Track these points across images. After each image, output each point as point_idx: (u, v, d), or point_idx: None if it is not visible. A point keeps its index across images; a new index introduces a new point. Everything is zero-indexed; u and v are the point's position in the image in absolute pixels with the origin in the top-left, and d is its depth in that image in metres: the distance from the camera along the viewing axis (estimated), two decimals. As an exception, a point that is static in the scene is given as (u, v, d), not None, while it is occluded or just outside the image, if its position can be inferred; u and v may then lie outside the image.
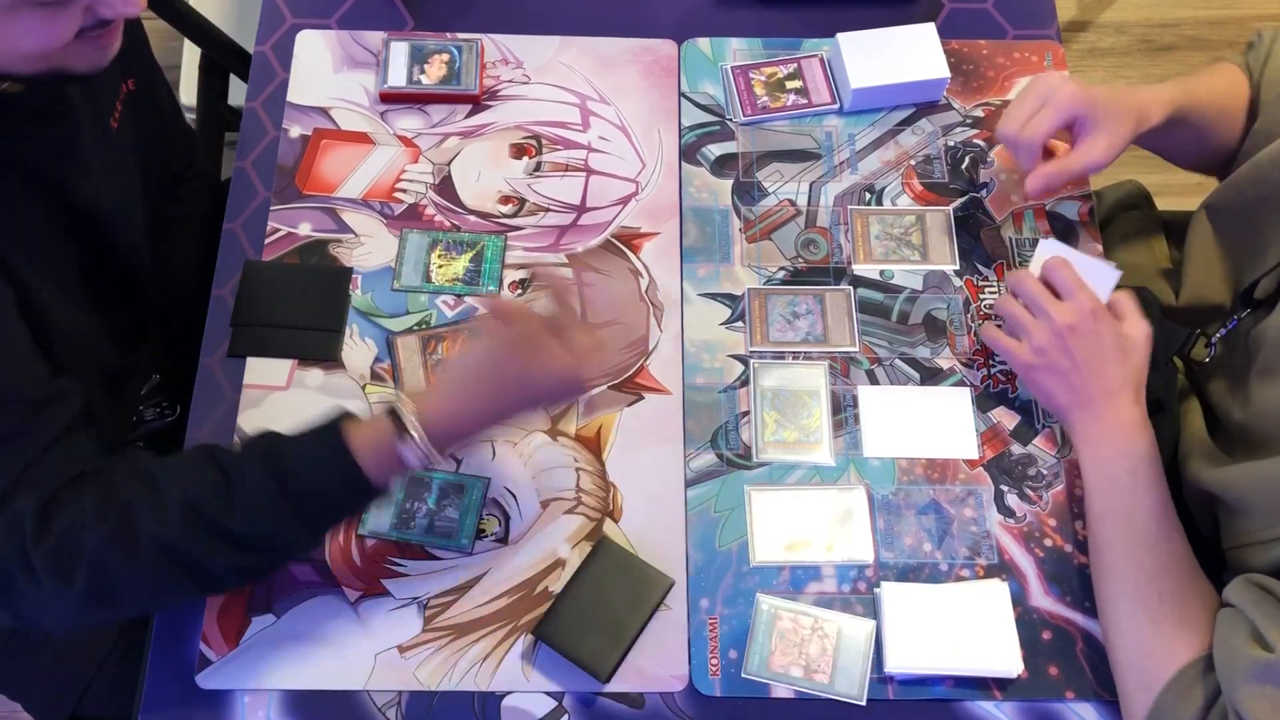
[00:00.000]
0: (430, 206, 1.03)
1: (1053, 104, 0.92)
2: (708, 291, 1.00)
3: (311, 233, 1.02)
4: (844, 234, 1.03)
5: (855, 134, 1.08)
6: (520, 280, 1.00)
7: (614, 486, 0.92)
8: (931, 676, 0.85)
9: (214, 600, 0.87)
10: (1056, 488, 0.92)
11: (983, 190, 1.05)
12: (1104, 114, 0.92)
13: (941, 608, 0.86)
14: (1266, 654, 0.71)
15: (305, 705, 0.84)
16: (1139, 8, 2.13)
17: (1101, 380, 0.86)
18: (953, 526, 0.91)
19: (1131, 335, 0.87)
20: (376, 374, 0.95)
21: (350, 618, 0.86)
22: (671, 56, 1.12)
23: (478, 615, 0.87)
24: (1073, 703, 0.85)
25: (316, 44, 1.11)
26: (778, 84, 1.09)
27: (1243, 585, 0.77)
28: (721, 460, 0.93)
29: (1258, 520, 0.80)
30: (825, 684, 0.85)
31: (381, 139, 1.06)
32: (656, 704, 0.85)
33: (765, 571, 0.89)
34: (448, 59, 1.09)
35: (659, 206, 1.04)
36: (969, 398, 0.96)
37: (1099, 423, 0.86)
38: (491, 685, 0.85)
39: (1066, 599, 0.88)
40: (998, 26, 1.15)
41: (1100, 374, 0.86)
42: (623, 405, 0.95)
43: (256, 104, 1.08)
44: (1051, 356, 0.87)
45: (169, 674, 0.85)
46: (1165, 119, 0.94)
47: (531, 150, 1.06)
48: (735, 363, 0.97)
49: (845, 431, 0.94)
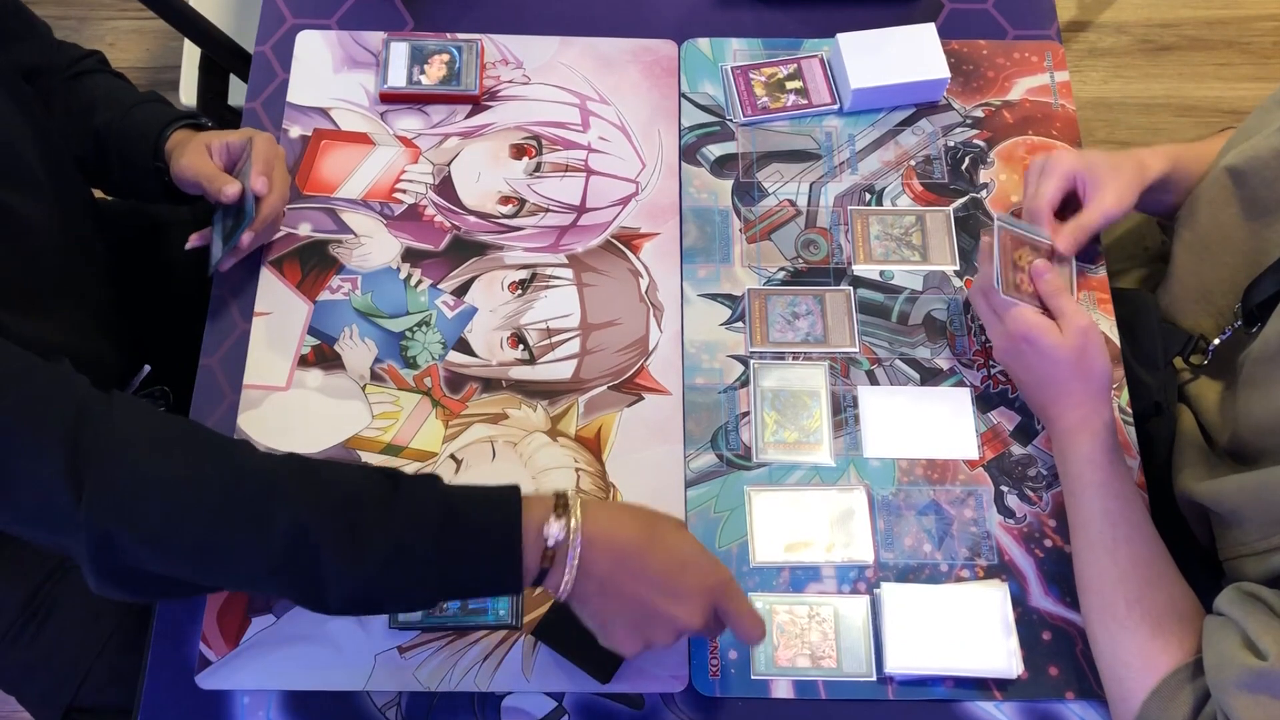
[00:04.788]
0: (430, 207, 1.03)
1: (1049, 170, 0.95)
2: (708, 292, 1.00)
3: (311, 233, 1.02)
4: (844, 234, 1.03)
5: (855, 134, 1.08)
6: (520, 281, 1.00)
7: (614, 487, 0.92)
8: (931, 677, 0.85)
9: (214, 600, 0.87)
10: (1056, 488, 0.92)
11: (983, 190, 1.05)
12: (1103, 169, 0.94)
13: (941, 608, 0.86)
14: (1260, 662, 0.71)
15: (305, 705, 0.84)
16: (1139, 8, 2.13)
17: (1039, 392, 0.88)
18: (953, 527, 0.91)
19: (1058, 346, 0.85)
20: (376, 374, 0.95)
21: (350, 618, 0.86)
22: (671, 57, 1.12)
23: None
24: (1073, 703, 0.85)
25: (316, 44, 1.11)
26: (778, 84, 1.10)
27: (1234, 594, 0.76)
28: (721, 461, 0.93)
29: (1251, 531, 0.79)
30: (834, 668, 0.85)
31: (381, 139, 1.06)
32: (656, 704, 0.85)
33: (765, 572, 0.89)
34: (448, 59, 1.09)
35: (659, 207, 1.04)
36: (969, 398, 0.96)
37: (1050, 428, 0.89)
38: (491, 686, 0.85)
39: (1066, 599, 0.88)
40: (998, 26, 1.15)
41: (1036, 387, 0.88)
42: (623, 406, 0.95)
43: (256, 104, 1.08)
44: (1006, 363, 0.92)
45: (169, 674, 0.85)
46: (1165, 170, 0.95)
47: (531, 150, 1.06)
48: (735, 363, 0.97)
49: (845, 432, 0.94)
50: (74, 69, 1.03)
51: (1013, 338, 0.87)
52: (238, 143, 0.96)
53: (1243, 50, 2.10)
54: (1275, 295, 0.86)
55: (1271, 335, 0.83)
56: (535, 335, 0.98)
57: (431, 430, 0.93)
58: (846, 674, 0.85)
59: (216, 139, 0.97)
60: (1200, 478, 0.87)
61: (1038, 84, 1.11)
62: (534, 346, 0.97)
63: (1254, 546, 0.79)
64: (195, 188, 0.95)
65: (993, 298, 0.89)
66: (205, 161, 0.95)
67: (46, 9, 2.07)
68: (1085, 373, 0.85)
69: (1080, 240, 0.94)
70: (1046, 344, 0.85)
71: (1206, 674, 0.74)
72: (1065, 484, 0.86)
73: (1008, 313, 0.87)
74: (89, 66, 1.04)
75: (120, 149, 0.99)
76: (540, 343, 0.97)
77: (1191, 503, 0.87)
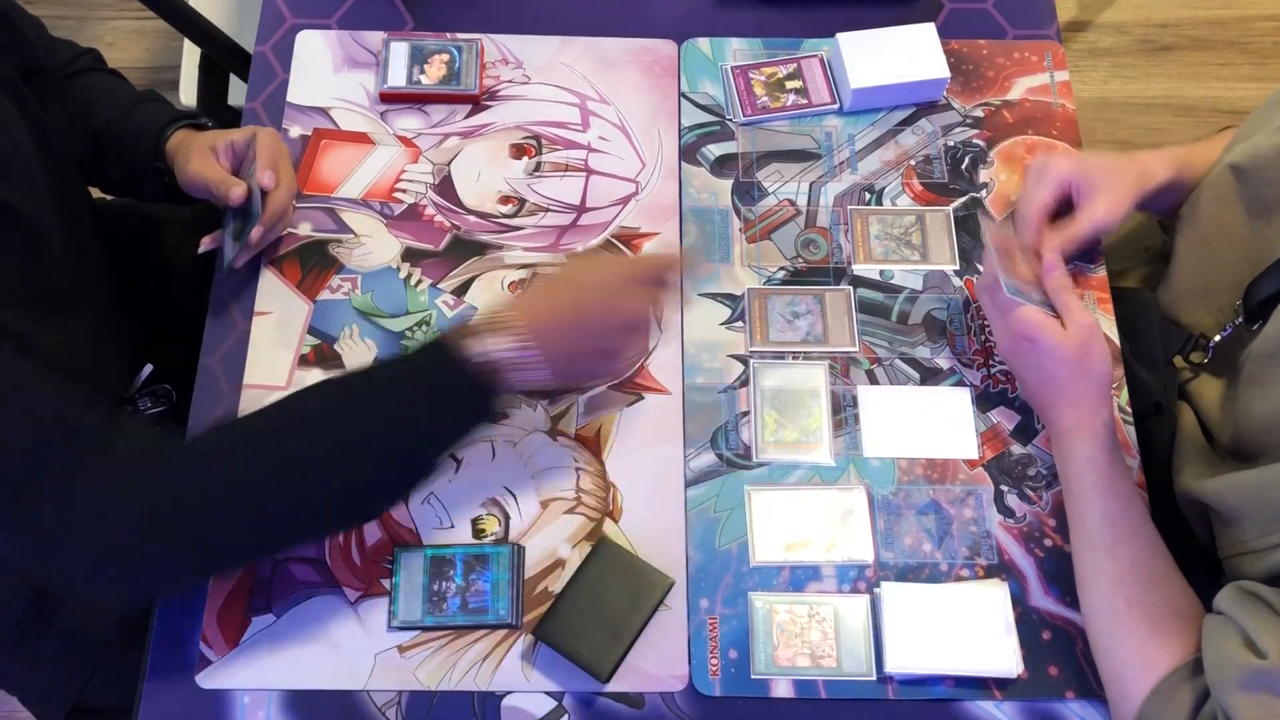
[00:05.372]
0: (430, 207, 1.03)
1: (1044, 175, 0.94)
2: (708, 291, 1.00)
3: (311, 233, 1.02)
4: (844, 234, 1.03)
5: (855, 134, 1.08)
6: (520, 280, 1.00)
7: (614, 486, 0.92)
8: (931, 676, 0.85)
9: (214, 600, 0.87)
10: (1056, 488, 0.92)
11: (983, 190, 1.05)
12: (1099, 176, 0.93)
13: (941, 608, 0.86)
14: (1259, 660, 0.71)
15: (305, 705, 0.84)
16: (1139, 8, 2.13)
17: (1040, 392, 0.88)
18: (953, 526, 0.91)
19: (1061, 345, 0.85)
20: (376, 374, 0.95)
21: (350, 618, 0.87)
22: (671, 56, 1.12)
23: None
24: (1073, 703, 0.85)
25: (316, 44, 1.11)
26: (778, 84, 1.10)
27: (1234, 592, 0.76)
28: (721, 460, 0.93)
29: (1251, 529, 0.79)
30: (834, 668, 0.85)
31: (381, 139, 1.06)
32: (656, 704, 0.85)
33: (765, 571, 0.89)
34: (448, 59, 1.09)
35: (659, 206, 1.04)
36: (969, 398, 0.96)
37: (1050, 428, 0.89)
38: (491, 685, 0.85)
39: (1066, 599, 0.88)
40: (998, 26, 1.15)
41: (1038, 387, 0.88)
42: (623, 405, 0.95)
43: (256, 104, 1.08)
44: (1009, 361, 0.92)
45: (169, 674, 0.85)
46: (1170, 177, 0.95)
47: (531, 150, 1.06)
48: (735, 363, 0.97)
49: (845, 431, 0.94)
50: (70, 68, 1.02)
51: (1016, 337, 0.87)
52: (242, 141, 0.96)
53: (1243, 50, 2.10)
54: (1277, 293, 0.86)
55: (1273, 333, 0.83)
56: (535, 335, 0.97)
57: (431, 430, 0.93)
58: (846, 674, 0.85)
59: (220, 139, 0.97)
60: (1200, 476, 0.87)
61: (1038, 84, 1.11)
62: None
63: (1254, 545, 0.79)
64: (204, 192, 0.95)
65: (997, 296, 0.89)
66: (212, 166, 0.95)
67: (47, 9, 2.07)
68: (1086, 372, 0.85)
69: (1066, 250, 0.93)
70: (1049, 343, 0.85)
71: (1206, 673, 0.74)
72: (1065, 484, 0.86)
73: (1011, 312, 0.87)
74: (85, 65, 1.04)
75: (119, 149, 0.99)
76: (540, 342, 0.97)
77: (1191, 501, 0.87)
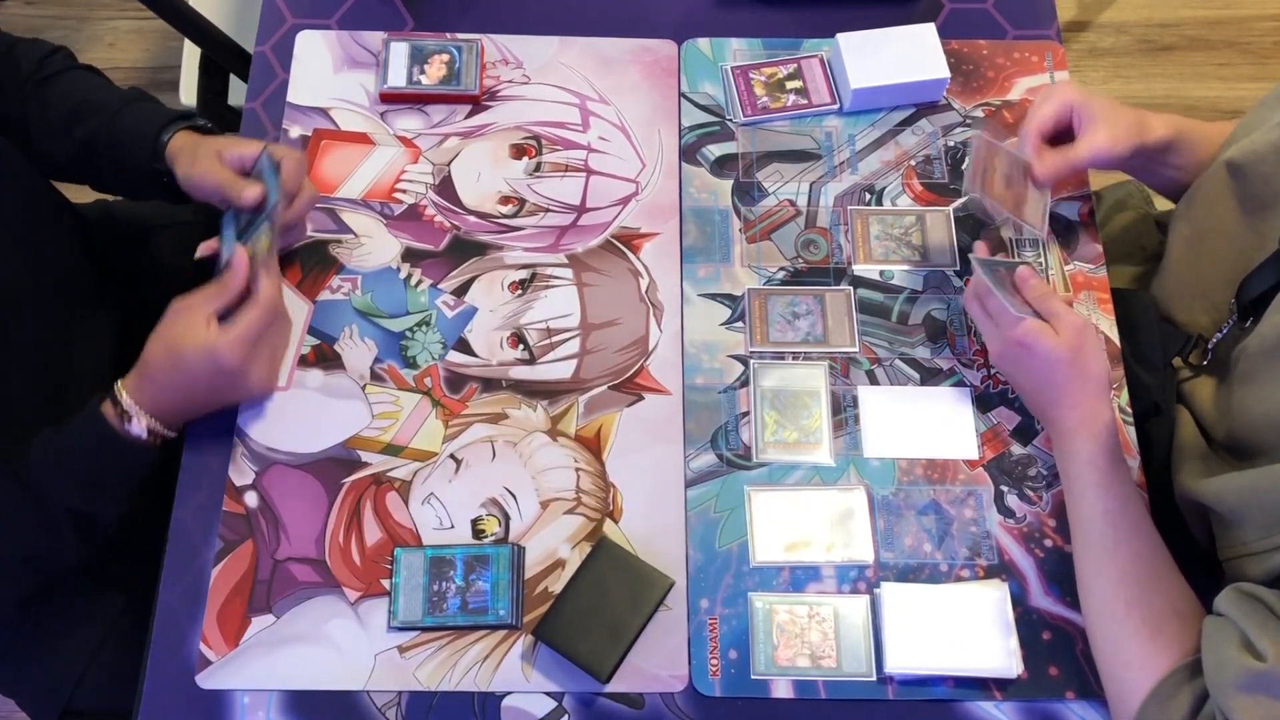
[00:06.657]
0: (430, 207, 1.03)
1: (1050, 96, 0.94)
2: (708, 292, 1.00)
3: (312, 233, 1.02)
4: (844, 234, 1.03)
5: (855, 134, 1.08)
6: (520, 280, 1.00)
7: (614, 487, 0.92)
8: (931, 677, 0.85)
9: (214, 600, 0.87)
10: (1056, 488, 0.92)
11: (983, 190, 1.05)
12: (1102, 109, 0.93)
13: (941, 608, 0.86)
14: (1258, 663, 0.71)
15: (305, 705, 0.84)
16: (1139, 8, 2.13)
17: (1038, 396, 0.88)
18: (953, 527, 0.91)
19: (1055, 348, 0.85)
20: (376, 374, 0.95)
21: (350, 618, 0.87)
22: (671, 57, 1.12)
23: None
24: (1073, 703, 0.85)
25: (316, 44, 1.11)
26: (778, 84, 1.10)
27: (1233, 594, 0.76)
28: (721, 460, 0.93)
29: (1251, 531, 0.79)
30: (834, 668, 0.85)
31: (381, 139, 1.06)
32: (656, 704, 0.85)
33: (765, 572, 0.89)
34: (448, 59, 1.09)
35: (659, 207, 1.04)
36: (969, 398, 0.96)
37: (1050, 430, 0.89)
38: (491, 685, 0.85)
39: (1066, 599, 0.88)
40: (998, 26, 1.15)
41: (1035, 392, 0.88)
42: (623, 405, 0.95)
43: (256, 104, 1.08)
44: (1004, 367, 0.91)
45: (169, 674, 0.85)
46: (1167, 137, 0.95)
47: (531, 150, 1.06)
48: (735, 363, 0.97)
49: (845, 432, 0.94)
50: (40, 72, 0.99)
51: (1009, 343, 0.87)
52: (251, 156, 0.94)
53: (1243, 50, 2.10)
54: (1270, 290, 0.86)
55: (1267, 330, 0.83)
56: (535, 335, 0.98)
57: (431, 430, 0.93)
58: (846, 674, 0.85)
59: (227, 149, 0.94)
60: (1200, 477, 0.87)
61: (1038, 84, 1.11)
62: (534, 346, 0.97)
63: (1254, 546, 0.79)
64: (214, 195, 0.93)
65: (989, 303, 0.89)
66: (221, 170, 0.93)
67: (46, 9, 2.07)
68: (1083, 372, 0.85)
69: (1061, 171, 0.93)
70: (1043, 347, 0.85)
71: (1205, 675, 0.74)
72: (1065, 485, 0.86)
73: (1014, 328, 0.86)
74: (56, 66, 1.00)
75: (113, 154, 0.97)
76: (540, 343, 0.97)
77: (1191, 503, 0.87)
